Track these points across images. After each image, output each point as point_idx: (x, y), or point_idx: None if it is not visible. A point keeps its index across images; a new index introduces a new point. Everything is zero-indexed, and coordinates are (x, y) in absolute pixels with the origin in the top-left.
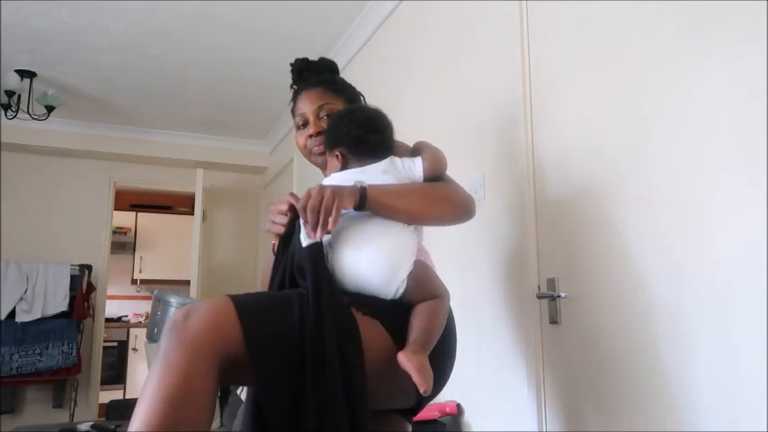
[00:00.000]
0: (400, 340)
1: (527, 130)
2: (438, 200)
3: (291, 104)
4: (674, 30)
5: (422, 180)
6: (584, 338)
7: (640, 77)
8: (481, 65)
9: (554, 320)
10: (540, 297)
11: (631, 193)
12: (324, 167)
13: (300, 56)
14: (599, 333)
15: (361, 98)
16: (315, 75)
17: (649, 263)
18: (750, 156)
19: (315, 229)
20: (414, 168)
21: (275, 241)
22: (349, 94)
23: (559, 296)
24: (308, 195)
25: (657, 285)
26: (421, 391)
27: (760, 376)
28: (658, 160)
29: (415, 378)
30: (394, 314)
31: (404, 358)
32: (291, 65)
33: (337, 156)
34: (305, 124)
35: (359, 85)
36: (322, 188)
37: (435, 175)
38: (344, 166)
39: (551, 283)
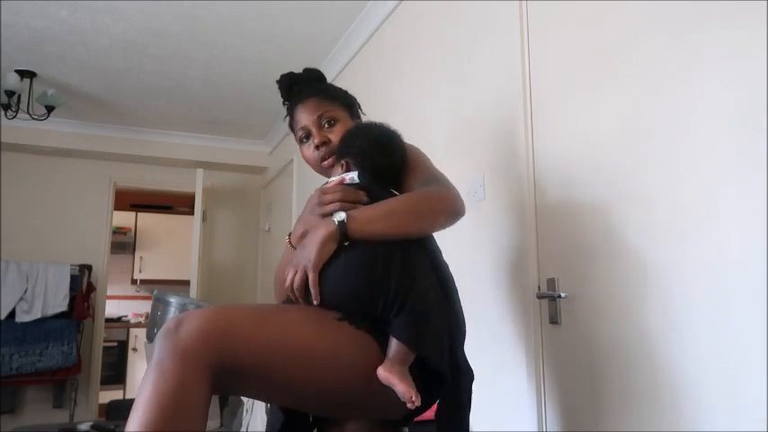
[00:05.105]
0: None
1: (527, 130)
2: (426, 213)
3: (288, 120)
4: (674, 29)
5: None
6: (584, 338)
7: (640, 77)
8: (481, 65)
9: (554, 320)
10: (540, 297)
11: (631, 192)
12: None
13: (300, 56)
14: (599, 333)
15: (355, 100)
16: (305, 86)
17: (649, 263)
18: (751, 156)
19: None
20: None
21: (289, 238)
22: (343, 98)
23: (559, 296)
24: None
25: (657, 285)
26: (407, 400)
27: (760, 376)
28: (658, 160)
29: (399, 388)
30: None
31: (383, 372)
32: (278, 82)
33: (342, 165)
34: (308, 136)
35: (359, 85)
36: (296, 264)
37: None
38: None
39: (551, 283)
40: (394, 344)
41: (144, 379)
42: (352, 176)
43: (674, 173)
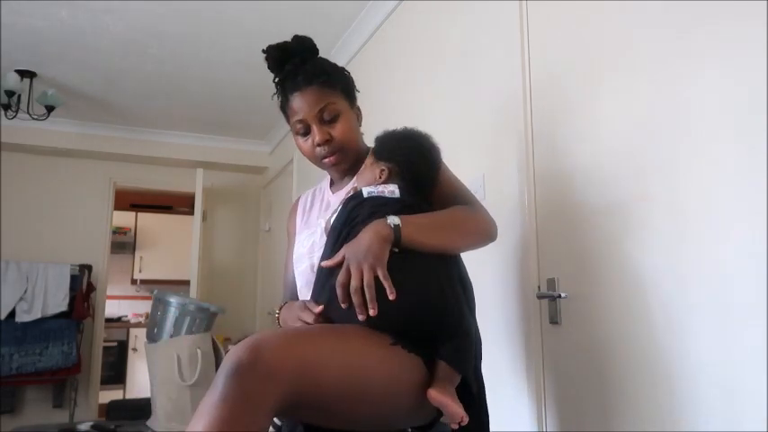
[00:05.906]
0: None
1: (527, 130)
2: (469, 233)
3: (280, 101)
4: (674, 29)
5: None
6: (584, 338)
7: (640, 77)
8: (481, 64)
9: (554, 320)
10: (540, 297)
11: (631, 192)
12: (338, 174)
13: None
14: (599, 333)
15: (352, 80)
16: (299, 64)
17: (649, 263)
18: (751, 156)
19: (364, 311)
20: None
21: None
22: (343, 84)
23: (559, 296)
24: (347, 272)
25: (657, 285)
26: (455, 420)
27: (760, 376)
28: (658, 160)
29: (451, 410)
30: (431, 348)
31: (436, 395)
32: (264, 51)
33: (383, 170)
34: (306, 131)
35: (359, 86)
36: (359, 262)
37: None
38: (385, 182)
39: (551, 283)
40: (443, 366)
41: (207, 406)
42: (393, 190)
43: (674, 173)
